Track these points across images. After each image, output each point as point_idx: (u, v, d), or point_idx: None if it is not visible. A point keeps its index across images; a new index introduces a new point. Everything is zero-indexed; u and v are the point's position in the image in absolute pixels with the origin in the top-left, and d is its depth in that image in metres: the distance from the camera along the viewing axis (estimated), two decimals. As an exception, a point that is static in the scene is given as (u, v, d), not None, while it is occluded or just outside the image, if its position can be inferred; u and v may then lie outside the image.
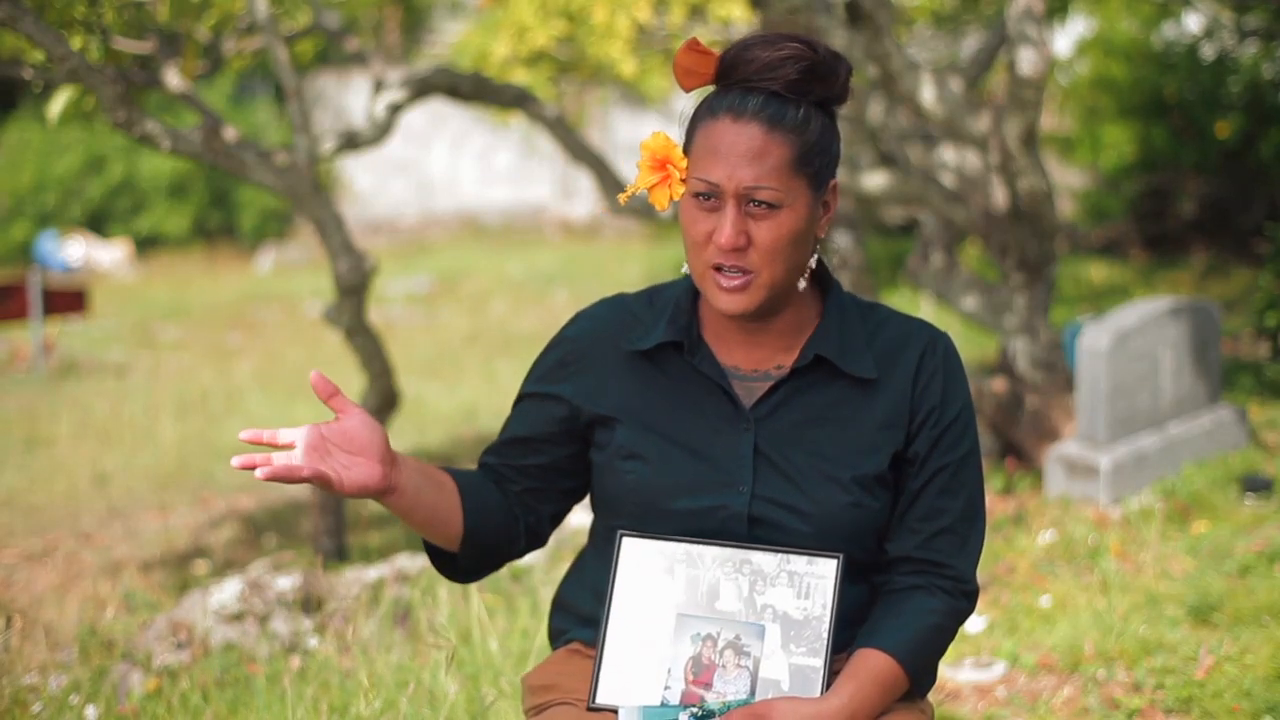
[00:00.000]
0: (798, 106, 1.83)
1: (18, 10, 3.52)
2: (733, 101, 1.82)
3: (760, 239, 1.82)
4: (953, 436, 1.92)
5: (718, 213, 1.83)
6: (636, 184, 1.88)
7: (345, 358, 8.53)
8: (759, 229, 1.82)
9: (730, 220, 1.81)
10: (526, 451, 1.99)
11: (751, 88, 1.82)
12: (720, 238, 1.81)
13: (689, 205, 1.85)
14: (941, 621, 1.88)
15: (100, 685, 3.52)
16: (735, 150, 1.80)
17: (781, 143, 1.81)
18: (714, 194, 1.82)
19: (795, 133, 1.82)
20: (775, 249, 1.82)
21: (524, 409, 2.01)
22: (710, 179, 1.81)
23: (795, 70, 1.81)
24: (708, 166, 1.82)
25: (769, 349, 1.93)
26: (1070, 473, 4.96)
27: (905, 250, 9.80)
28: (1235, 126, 9.84)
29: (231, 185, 15.97)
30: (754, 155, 1.80)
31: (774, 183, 1.81)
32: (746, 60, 1.82)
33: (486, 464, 2.02)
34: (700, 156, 1.83)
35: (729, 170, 1.80)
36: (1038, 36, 4.87)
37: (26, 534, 6.00)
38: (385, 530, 5.71)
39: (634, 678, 1.84)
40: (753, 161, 1.80)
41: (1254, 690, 3.25)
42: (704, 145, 1.83)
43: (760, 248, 1.82)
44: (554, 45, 8.73)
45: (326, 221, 4.80)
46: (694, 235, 1.84)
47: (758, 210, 1.81)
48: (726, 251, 1.81)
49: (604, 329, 1.98)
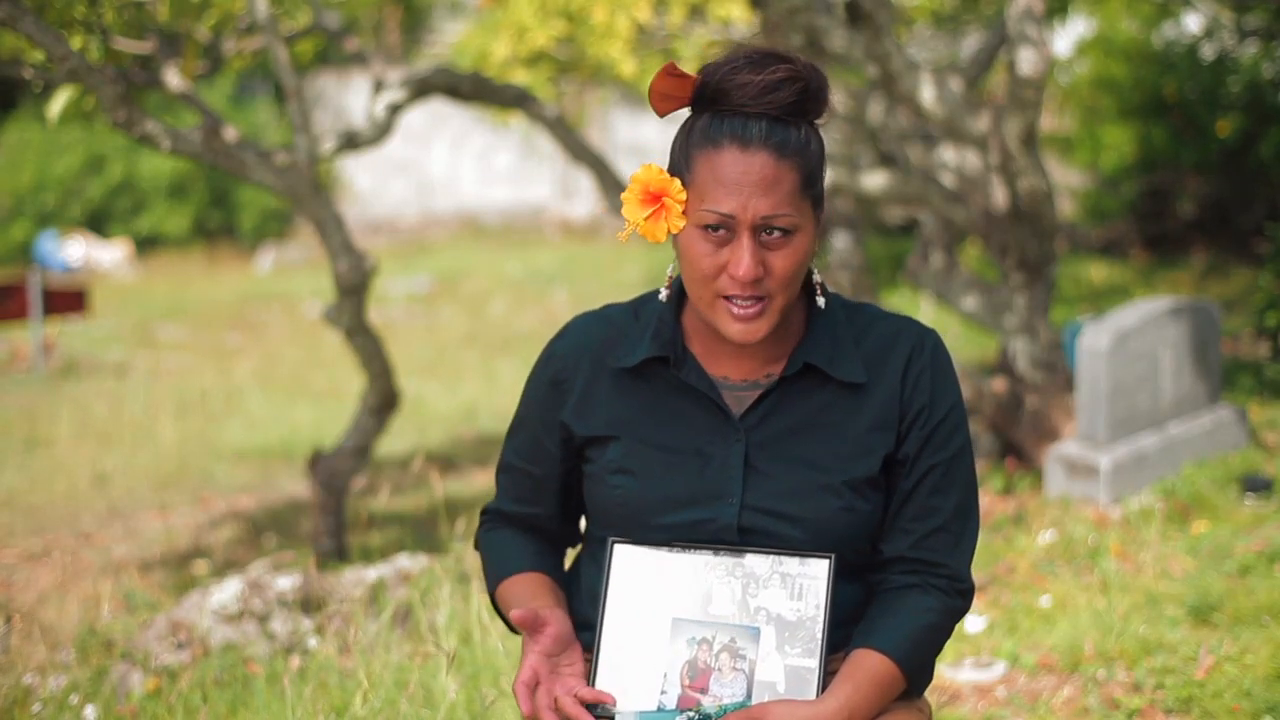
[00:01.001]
0: (798, 129, 1.80)
1: (18, 10, 3.52)
2: (735, 129, 1.78)
3: (777, 267, 1.80)
4: (943, 435, 1.90)
5: (727, 245, 1.79)
6: (629, 220, 1.83)
7: (345, 358, 8.55)
8: (775, 257, 1.79)
9: (749, 252, 1.77)
10: (540, 491, 2.03)
11: (750, 113, 1.78)
12: (739, 270, 1.77)
13: (695, 237, 1.81)
14: (937, 620, 1.88)
15: (100, 685, 3.52)
16: (747, 180, 1.77)
17: (791, 169, 1.78)
18: (726, 226, 1.79)
19: (801, 156, 1.79)
20: (792, 275, 1.81)
21: (528, 442, 2.02)
22: (723, 210, 1.77)
23: (793, 93, 1.78)
24: (718, 198, 1.78)
25: (758, 359, 1.91)
26: (1070, 473, 4.96)
27: (905, 250, 9.81)
28: (1235, 126, 9.84)
29: (231, 185, 15.97)
30: (767, 185, 1.77)
31: (789, 209, 1.78)
32: (740, 85, 1.78)
33: (516, 515, 2.06)
34: (707, 187, 1.79)
35: (743, 201, 1.77)
36: (1038, 36, 4.87)
37: (26, 534, 6.00)
38: (385, 530, 5.71)
39: (630, 683, 1.84)
40: (767, 191, 1.77)
41: (1254, 690, 3.25)
42: (709, 176, 1.79)
43: (777, 275, 1.80)
44: (554, 45, 8.73)
45: (326, 221, 4.80)
46: (704, 268, 1.80)
47: (772, 239, 1.79)
48: (745, 284, 1.79)
49: (591, 345, 1.97)
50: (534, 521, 2.05)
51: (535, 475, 2.02)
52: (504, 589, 2.01)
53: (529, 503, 2.04)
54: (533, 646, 1.85)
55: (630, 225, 1.83)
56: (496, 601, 2.04)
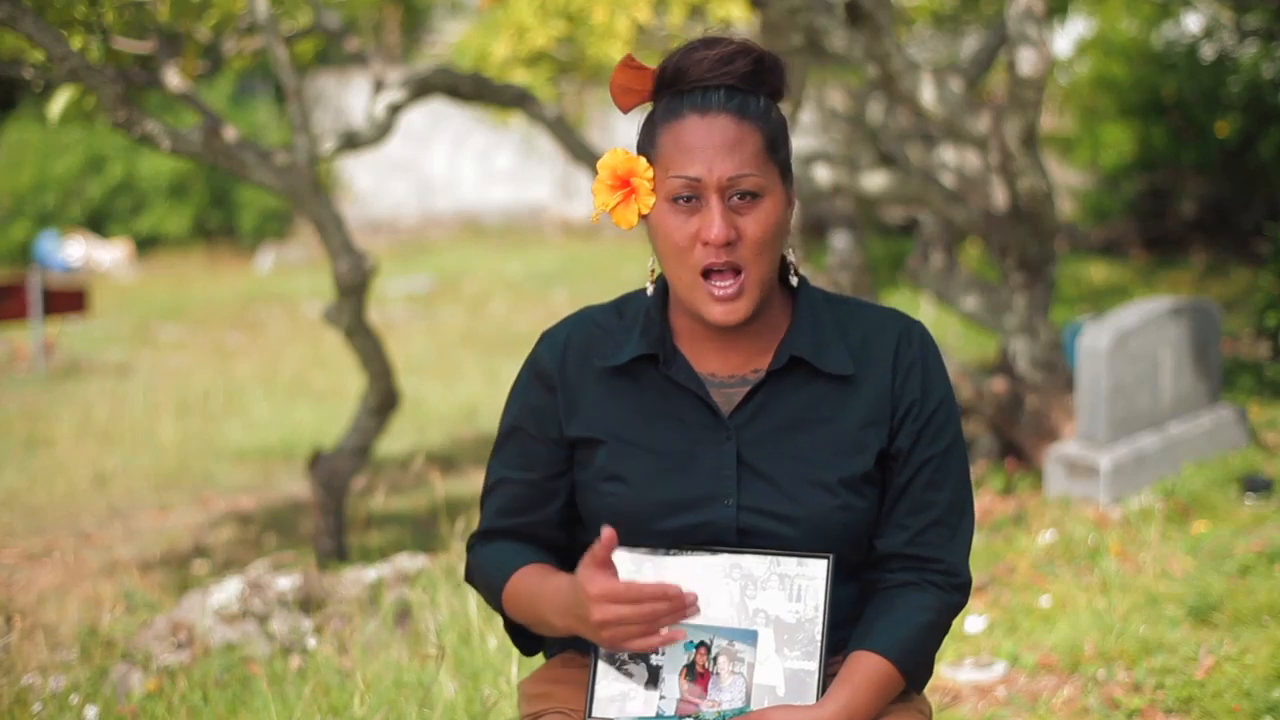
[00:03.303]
0: (757, 98, 1.83)
1: (18, 10, 3.52)
2: (695, 100, 1.80)
3: (748, 231, 1.80)
4: (935, 428, 1.89)
5: (698, 214, 1.80)
6: (598, 206, 1.84)
7: (345, 358, 8.54)
8: (745, 222, 1.80)
9: (719, 213, 1.78)
10: (537, 497, 1.94)
11: (709, 85, 1.81)
12: (710, 232, 1.78)
13: (665, 213, 1.82)
14: (935, 618, 1.87)
15: (100, 685, 3.52)
16: (710, 143, 1.78)
17: (753, 131, 1.80)
18: (694, 193, 1.80)
19: (762, 120, 1.81)
20: (763, 240, 1.81)
21: (519, 451, 1.95)
22: (689, 174, 1.79)
23: (747, 64, 1.81)
24: (683, 164, 1.79)
25: (744, 353, 1.90)
26: (1070, 473, 4.96)
27: (905, 250, 9.80)
28: (1235, 126, 9.84)
29: (231, 185, 15.97)
30: (730, 145, 1.79)
31: (753, 170, 1.79)
32: (695, 61, 1.81)
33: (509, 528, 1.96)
34: (672, 157, 1.80)
35: (708, 163, 1.78)
36: (1038, 36, 4.87)
37: (26, 534, 6.00)
38: (385, 530, 5.72)
39: (629, 689, 1.82)
40: (731, 152, 1.78)
41: (1254, 690, 3.25)
42: (673, 146, 1.80)
43: (749, 240, 1.80)
44: (554, 45, 8.73)
45: (326, 221, 4.80)
46: (677, 241, 1.81)
47: (741, 203, 1.80)
48: (718, 247, 1.79)
49: (573, 347, 1.93)
50: (530, 530, 1.95)
51: (531, 481, 1.94)
52: (512, 586, 1.90)
53: (524, 512, 1.95)
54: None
55: (598, 208, 1.85)
56: (506, 609, 1.93)
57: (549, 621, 1.84)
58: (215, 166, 4.47)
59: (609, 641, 1.74)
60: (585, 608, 1.73)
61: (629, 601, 1.71)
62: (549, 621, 1.84)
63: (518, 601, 1.90)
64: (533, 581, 1.88)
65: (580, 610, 1.74)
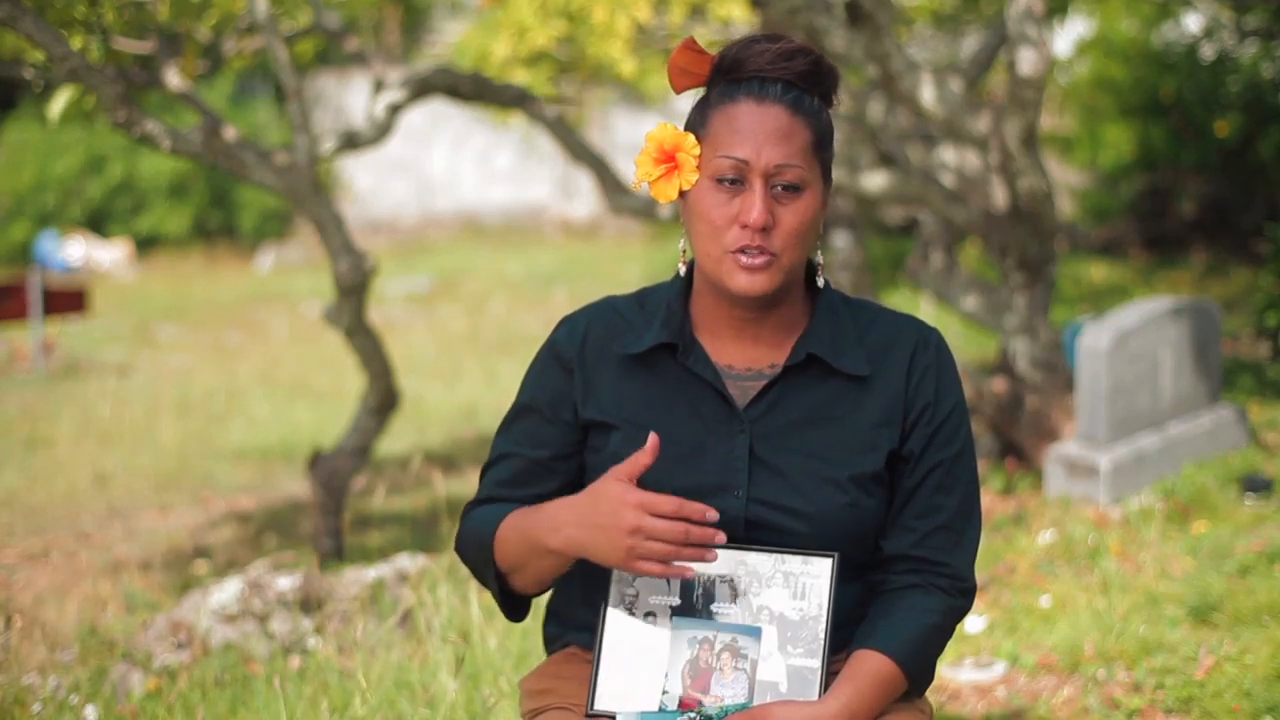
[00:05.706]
0: (811, 97, 1.86)
1: (18, 10, 3.52)
2: (753, 88, 1.84)
3: (785, 221, 1.83)
4: (947, 433, 1.91)
5: (739, 196, 1.83)
6: (640, 176, 1.86)
7: (345, 358, 8.54)
8: (784, 212, 1.83)
9: (761, 198, 1.81)
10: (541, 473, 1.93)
11: (767, 77, 1.84)
12: (750, 216, 1.81)
13: (707, 190, 1.85)
14: (939, 620, 1.88)
15: (100, 685, 3.52)
16: (763, 129, 1.82)
17: (804, 126, 1.84)
18: (739, 175, 1.82)
19: (814, 118, 1.85)
20: (799, 232, 1.84)
21: (528, 429, 1.95)
22: (737, 155, 1.82)
23: (806, 63, 1.85)
24: (733, 145, 1.82)
25: (763, 347, 1.92)
26: (1070, 473, 4.96)
27: (905, 250, 9.80)
28: (1235, 126, 9.84)
29: (231, 185, 15.97)
30: (781, 135, 1.82)
31: (800, 162, 1.83)
32: (757, 53, 1.85)
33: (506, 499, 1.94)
34: (722, 137, 1.83)
35: (757, 147, 1.82)
36: (1038, 36, 4.87)
37: (26, 534, 6.00)
38: (385, 530, 5.72)
39: (631, 683, 1.83)
40: (780, 141, 1.82)
41: (1254, 690, 3.25)
42: (725, 127, 1.84)
43: (784, 230, 1.83)
44: (554, 45, 8.73)
45: (326, 221, 4.80)
46: (715, 220, 1.83)
47: (783, 194, 1.83)
48: (755, 231, 1.81)
49: (594, 333, 1.95)
50: (526, 503, 1.91)
51: (536, 458, 1.93)
52: (504, 527, 1.87)
53: (523, 486, 1.93)
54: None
55: (640, 179, 1.86)
56: (495, 555, 1.88)
57: (545, 543, 1.80)
58: (215, 166, 4.47)
59: (632, 554, 1.72)
60: (618, 514, 1.72)
61: (668, 514, 1.72)
62: (545, 543, 1.80)
63: (508, 539, 1.87)
64: (528, 512, 1.86)
65: (605, 519, 1.73)
